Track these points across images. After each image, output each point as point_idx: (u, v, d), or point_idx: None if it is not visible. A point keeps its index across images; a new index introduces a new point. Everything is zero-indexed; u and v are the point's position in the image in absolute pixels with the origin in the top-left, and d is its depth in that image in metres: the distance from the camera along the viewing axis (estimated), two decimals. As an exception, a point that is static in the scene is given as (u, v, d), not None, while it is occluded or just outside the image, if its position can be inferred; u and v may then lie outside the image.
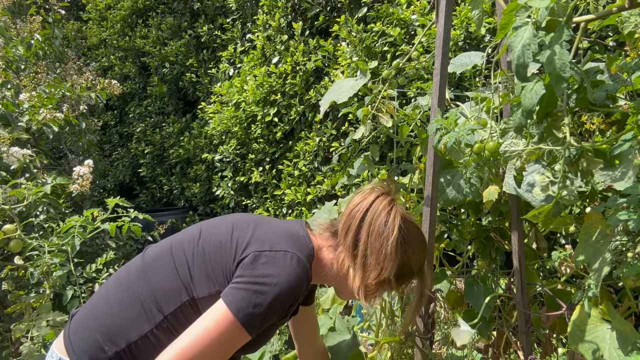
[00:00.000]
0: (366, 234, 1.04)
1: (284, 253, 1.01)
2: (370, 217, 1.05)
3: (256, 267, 0.98)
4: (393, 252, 1.02)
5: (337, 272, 1.11)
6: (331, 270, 1.12)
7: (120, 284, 1.07)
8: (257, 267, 0.98)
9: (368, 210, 1.06)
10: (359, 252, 1.05)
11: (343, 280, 1.10)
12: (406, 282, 1.13)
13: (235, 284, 0.98)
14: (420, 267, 1.12)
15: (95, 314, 1.05)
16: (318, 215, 1.75)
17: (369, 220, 1.05)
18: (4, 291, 1.93)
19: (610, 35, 2.49)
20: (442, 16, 1.22)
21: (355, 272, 1.05)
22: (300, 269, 1.00)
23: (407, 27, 3.18)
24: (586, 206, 1.20)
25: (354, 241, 1.06)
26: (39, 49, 2.92)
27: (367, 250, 1.04)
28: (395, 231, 1.02)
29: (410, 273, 1.10)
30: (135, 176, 5.79)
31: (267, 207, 3.97)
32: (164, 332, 1.01)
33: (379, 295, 1.08)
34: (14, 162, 2.06)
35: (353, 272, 1.06)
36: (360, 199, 1.09)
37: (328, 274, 1.13)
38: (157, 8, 5.73)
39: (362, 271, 1.04)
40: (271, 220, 1.15)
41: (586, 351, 1.04)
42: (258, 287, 0.96)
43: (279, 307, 0.99)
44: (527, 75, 0.87)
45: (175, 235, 1.15)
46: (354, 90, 1.49)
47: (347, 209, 1.11)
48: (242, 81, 4.14)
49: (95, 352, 0.99)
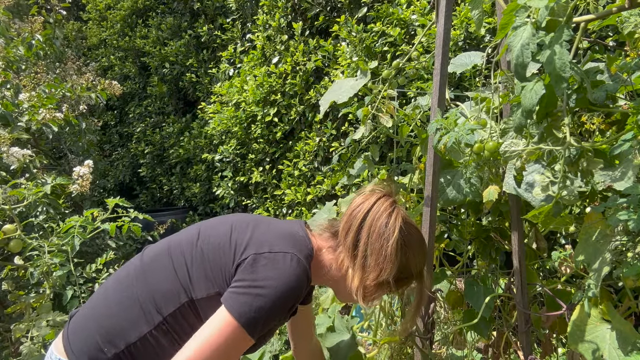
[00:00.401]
0: (367, 235, 1.04)
1: (283, 254, 1.00)
2: (371, 218, 1.05)
3: (256, 270, 0.98)
4: (393, 254, 1.02)
5: (336, 272, 1.11)
6: (330, 270, 1.12)
7: (119, 285, 1.07)
8: (256, 270, 0.98)
9: (369, 211, 1.06)
10: (359, 252, 1.05)
11: (342, 281, 1.10)
12: (405, 284, 1.12)
13: (235, 288, 0.98)
14: (420, 271, 1.12)
15: (94, 314, 1.05)
16: (318, 215, 1.75)
17: (369, 221, 1.05)
18: (4, 291, 1.93)
19: (610, 35, 2.49)
20: (442, 16, 1.22)
21: (354, 272, 1.05)
22: (300, 270, 1.00)
23: (407, 27, 3.18)
24: (586, 206, 1.20)
25: (354, 241, 1.06)
26: (39, 49, 2.92)
27: (367, 251, 1.04)
28: (396, 233, 1.02)
29: (410, 276, 1.10)
30: (135, 176, 5.79)
31: (267, 207, 3.97)
32: (162, 333, 1.01)
33: (377, 297, 1.08)
34: (13, 162, 2.06)
35: (352, 273, 1.06)
36: (361, 200, 1.09)
37: (327, 275, 1.13)
38: (157, 8, 5.73)
39: (361, 272, 1.04)
40: (270, 221, 1.14)
41: (586, 351, 1.04)
42: (259, 291, 0.96)
43: (280, 309, 0.99)
44: (526, 75, 0.87)
45: (174, 236, 1.14)
46: (354, 90, 1.49)
47: (348, 210, 1.11)
48: (242, 81, 4.14)
49: (95, 353, 0.99)
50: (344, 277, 1.09)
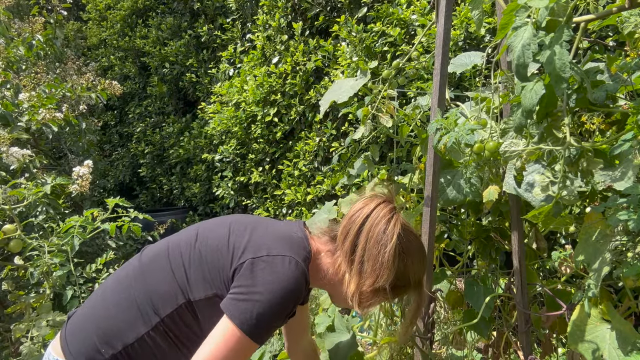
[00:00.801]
0: (364, 240, 1.04)
1: (282, 257, 1.00)
2: (370, 224, 1.04)
3: (254, 275, 0.98)
4: (390, 260, 1.01)
5: (333, 276, 1.10)
6: (327, 274, 1.12)
7: (118, 285, 1.07)
8: (255, 274, 0.98)
9: (369, 216, 1.05)
10: (356, 257, 1.04)
11: (338, 285, 1.10)
12: (402, 292, 1.11)
13: (235, 295, 0.97)
14: (418, 280, 1.11)
15: (92, 315, 1.05)
16: (318, 215, 1.75)
17: (368, 226, 1.04)
18: (4, 291, 1.93)
19: (610, 35, 2.49)
20: (442, 16, 1.22)
21: (351, 277, 1.05)
22: (298, 273, 1.00)
23: (407, 27, 3.18)
24: (586, 206, 1.20)
25: (351, 246, 1.05)
26: (40, 49, 2.92)
27: (364, 257, 1.03)
28: (393, 239, 1.01)
29: (407, 284, 1.09)
30: (135, 176, 5.79)
31: (267, 207, 3.97)
32: (160, 334, 1.01)
33: (373, 304, 1.07)
34: (13, 162, 2.06)
35: (349, 278, 1.05)
36: (361, 205, 1.09)
37: (324, 279, 1.13)
38: (157, 8, 5.73)
39: (358, 277, 1.04)
40: (269, 223, 1.14)
41: (586, 351, 1.04)
42: (258, 297, 0.96)
43: (281, 313, 0.99)
44: (527, 75, 0.87)
45: (172, 237, 1.14)
46: (354, 90, 1.49)
47: (347, 214, 1.11)
48: (242, 81, 4.14)
49: (92, 353, 0.99)
50: (340, 281, 1.08)
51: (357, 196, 1.67)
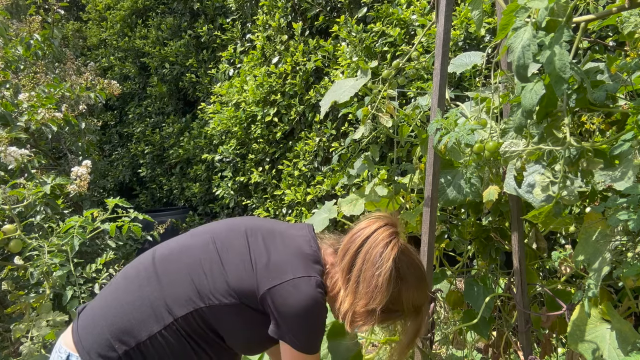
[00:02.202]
0: (362, 261, 1.05)
1: (307, 279, 1.04)
2: (369, 246, 1.06)
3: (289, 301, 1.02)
4: (384, 284, 1.02)
5: (329, 290, 1.12)
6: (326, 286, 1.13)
7: (130, 284, 1.08)
8: (289, 300, 1.02)
9: (368, 237, 1.07)
10: (352, 277, 1.06)
11: (331, 300, 1.12)
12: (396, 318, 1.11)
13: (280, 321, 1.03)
14: (416, 307, 1.10)
15: (105, 313, 1.06)
16: (318, 215, 1.74)
17: (366, 247, 1.06)
18: (4, 291, 1.93)
19: (610, 35, 2.49)
20: (442, 16, 1.22)
21: (345, 295, 1.07)
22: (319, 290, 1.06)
23: (407, 27, 3.18)
24: (586, 206, 1.20)
25: (349, 265, 1.07)
26: (38, 49, 2.92)
27: (360, 277, 1.05)
28: (389, 264, 1.02)
29: (401, 310, 1.09)
30: (135, 176, 5.78)
31: (267, 207, 3.96)
32: (172, 332, 1.02)
33: (364, 324, 1.07)
34: (11, 161, 2.05)
35: (344, 295, 1.07)
36: (364, 225, 1.10)
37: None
38: (157, 8, 5.72)
39: (352, 297, 1.05)
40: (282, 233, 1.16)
41: (586, 351, 1.04)
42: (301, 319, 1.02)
43: (321, 323, 1.07)
44: (527, 75, 0.87)
45: (185, 240, 1.15)
46: (355, 90, 1.49)
47: (350, 232, 1.12)
48: (242, 81, 4.14)
49: (106, 350, 1.01)
50: (334, 297, 1.10)
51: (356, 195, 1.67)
